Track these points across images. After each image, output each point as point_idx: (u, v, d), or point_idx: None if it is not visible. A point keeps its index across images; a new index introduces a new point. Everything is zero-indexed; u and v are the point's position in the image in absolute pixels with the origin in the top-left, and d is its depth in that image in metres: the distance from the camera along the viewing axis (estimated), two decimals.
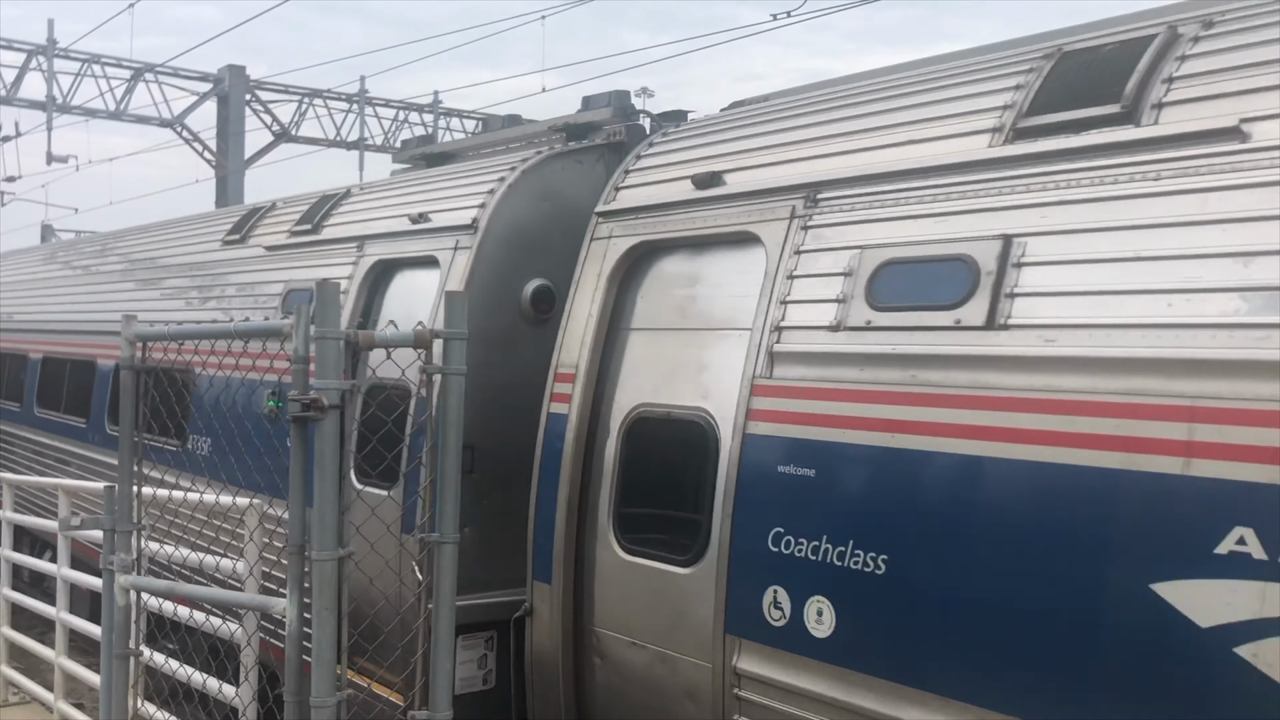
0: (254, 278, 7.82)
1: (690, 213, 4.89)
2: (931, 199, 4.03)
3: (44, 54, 27.67)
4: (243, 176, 30.30)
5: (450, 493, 3.78)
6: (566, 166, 5.97)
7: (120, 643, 4.45)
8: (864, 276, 4.06)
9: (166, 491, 4.93)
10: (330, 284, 3.68)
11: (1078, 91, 3.83)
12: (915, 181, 4.10)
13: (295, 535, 3.80)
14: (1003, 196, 3.83)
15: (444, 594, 3.78)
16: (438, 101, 34.87)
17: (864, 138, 4.43)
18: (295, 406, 3.64)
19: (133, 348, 4.46)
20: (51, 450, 10.78)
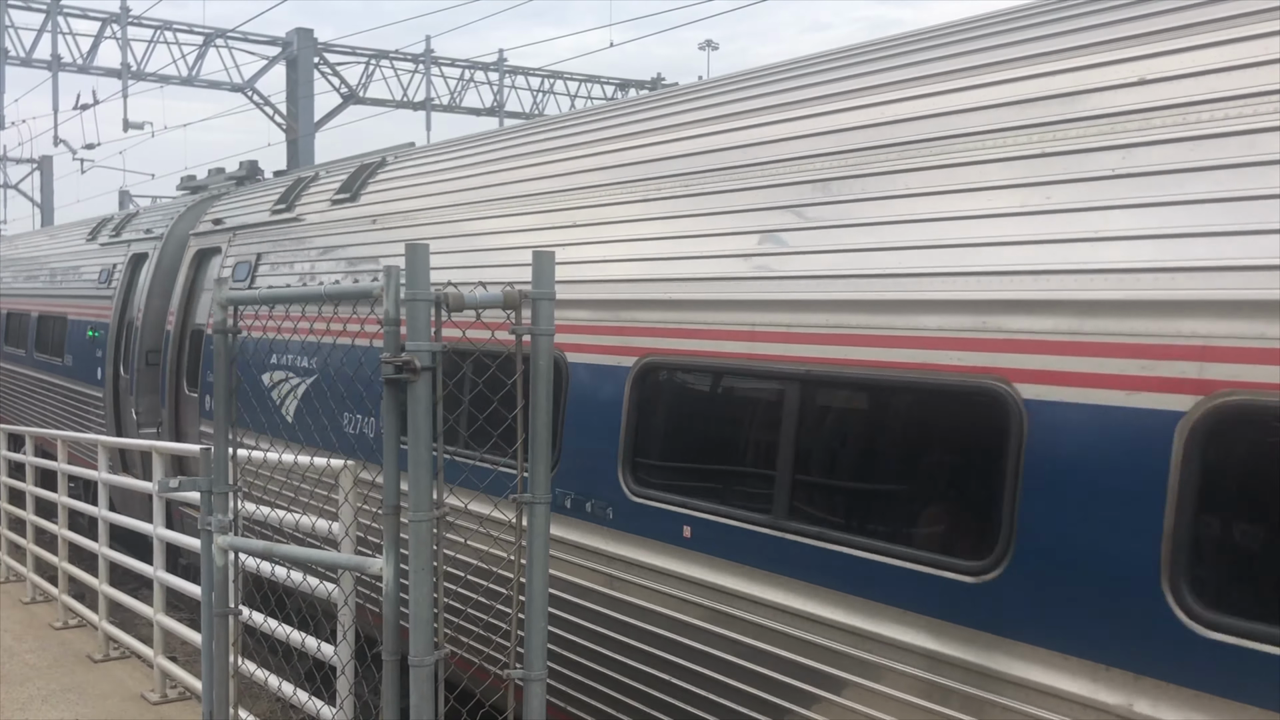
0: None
1: (210, 236, 10.33)
2: None
3: (118, 22, 28.11)
4: (313, 139, 30.60)
5: (542, 453, 3.76)
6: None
7: (220, 602, 4.53)
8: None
9: (261, 453, 4.99)
10: (421, 246, 3.66)
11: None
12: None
13: (390, 496, 3.82)
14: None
15: (537, 554, 3.77)
16: (503, 60, 34.81)
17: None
18: (389, 369, 3.65)
19: (225, 312, 4.49)
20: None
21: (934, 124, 4.23)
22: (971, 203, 3.94)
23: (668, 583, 4.74)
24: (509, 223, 6.29)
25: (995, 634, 3.57)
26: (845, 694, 4.07)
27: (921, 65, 4.50)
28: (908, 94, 4.44)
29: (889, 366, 3.99)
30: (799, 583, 4.23)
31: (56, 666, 7.74)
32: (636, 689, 4.93)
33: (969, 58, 4.31)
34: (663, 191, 5.30)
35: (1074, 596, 3.35)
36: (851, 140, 4.50)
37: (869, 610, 3.99)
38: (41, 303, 14.90)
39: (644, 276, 5.12)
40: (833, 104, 4.75)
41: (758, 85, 5.29)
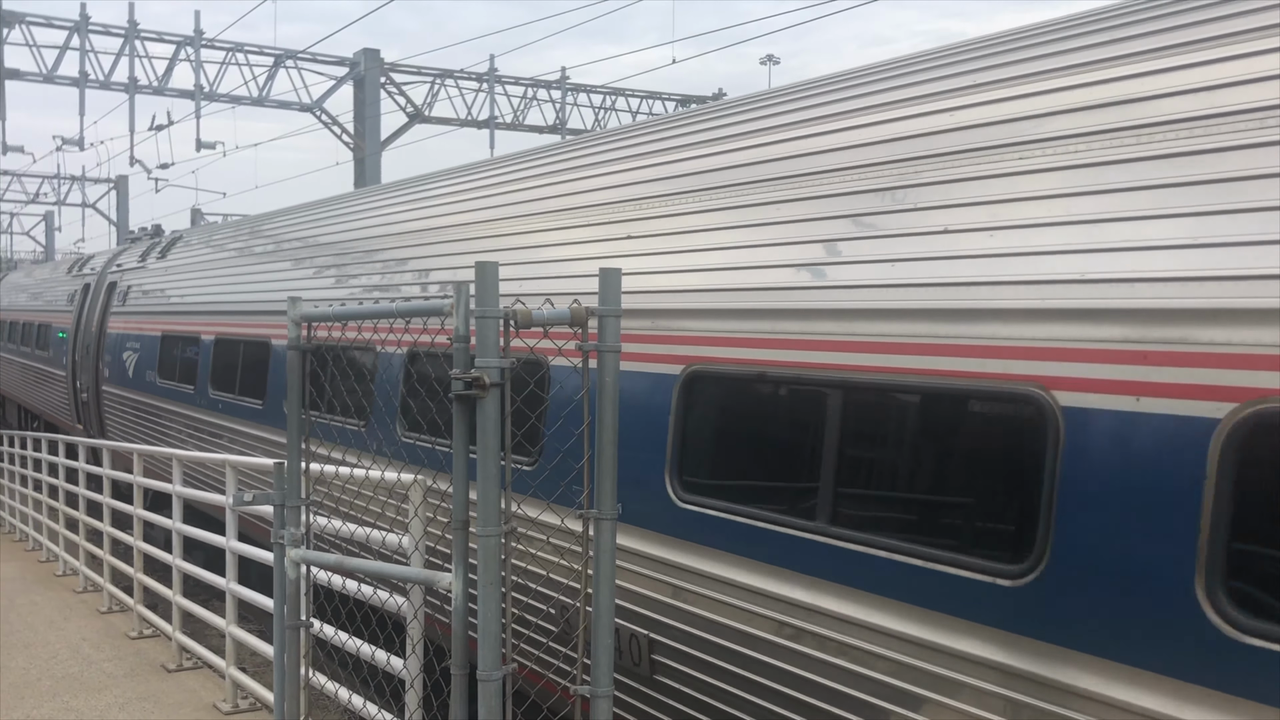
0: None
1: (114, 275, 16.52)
2: None
3: (192, 45, 28.85)
4: (379, 157, 31.10)
5: (608, 468, 3.77)
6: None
7: (291, 614, 4.61)
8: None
9: (333, 468, 5.07)
10: (490, 264, 3.69)
11: None
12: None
13: (459, 511, 3.86)
14: None
15: (604, 569, 3.78)
16: (565, 78, 35.10)
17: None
18: (458, 385, 3.69)
19: (299, 328, 4.58)
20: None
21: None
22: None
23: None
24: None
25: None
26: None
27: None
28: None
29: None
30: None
31: (132, 675, 7.91)
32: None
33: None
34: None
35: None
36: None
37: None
38: (38, 315, 21.93)
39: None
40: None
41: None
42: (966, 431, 4.01)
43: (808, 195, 4.79)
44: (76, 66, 27.83)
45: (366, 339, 7.65)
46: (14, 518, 14.98)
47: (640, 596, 5.04)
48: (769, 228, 4.89)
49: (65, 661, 8.29)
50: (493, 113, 33.72)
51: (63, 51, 27.76)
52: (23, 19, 27.15)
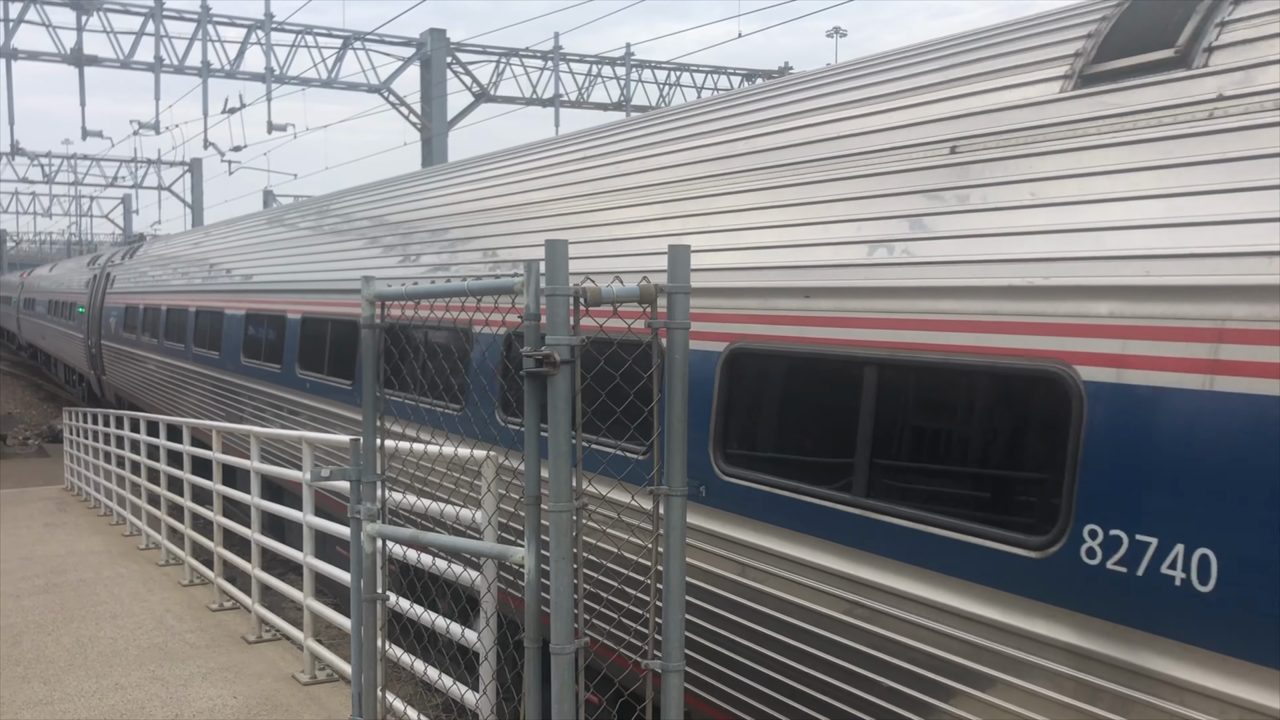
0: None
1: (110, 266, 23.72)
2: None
3: (262, 28, 29.31)
4: (446, 137, 31.33)
5: (678, 445, 3.78)
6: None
7: (368, 587, 4.70)
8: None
9: (407, 444, 5.15)
10: (561, 242, 3.71)
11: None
12: None
13: (531, 487, 3.90)
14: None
15: (674, 546, 3.80)
16: (630, 54, 35.01)
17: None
18: (530, 362, 3.72)
19: (373, 307, 4.65)
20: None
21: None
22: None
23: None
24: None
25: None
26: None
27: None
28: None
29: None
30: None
31: (214, 646, 8.14)
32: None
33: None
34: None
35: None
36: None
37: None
38: (65, 296, 28.36)
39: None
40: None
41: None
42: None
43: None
44: (152, 52, 28.44)
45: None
46: (98, 493, 15.46)
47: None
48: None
49: (150, 632, 8.55)
50: (557, 91, 33.79)
51: (138, 37, 28.37)
52: (100, 6, 27.80)
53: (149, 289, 19.82)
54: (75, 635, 8.48)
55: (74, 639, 8.37)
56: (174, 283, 18.16)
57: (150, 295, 19.51)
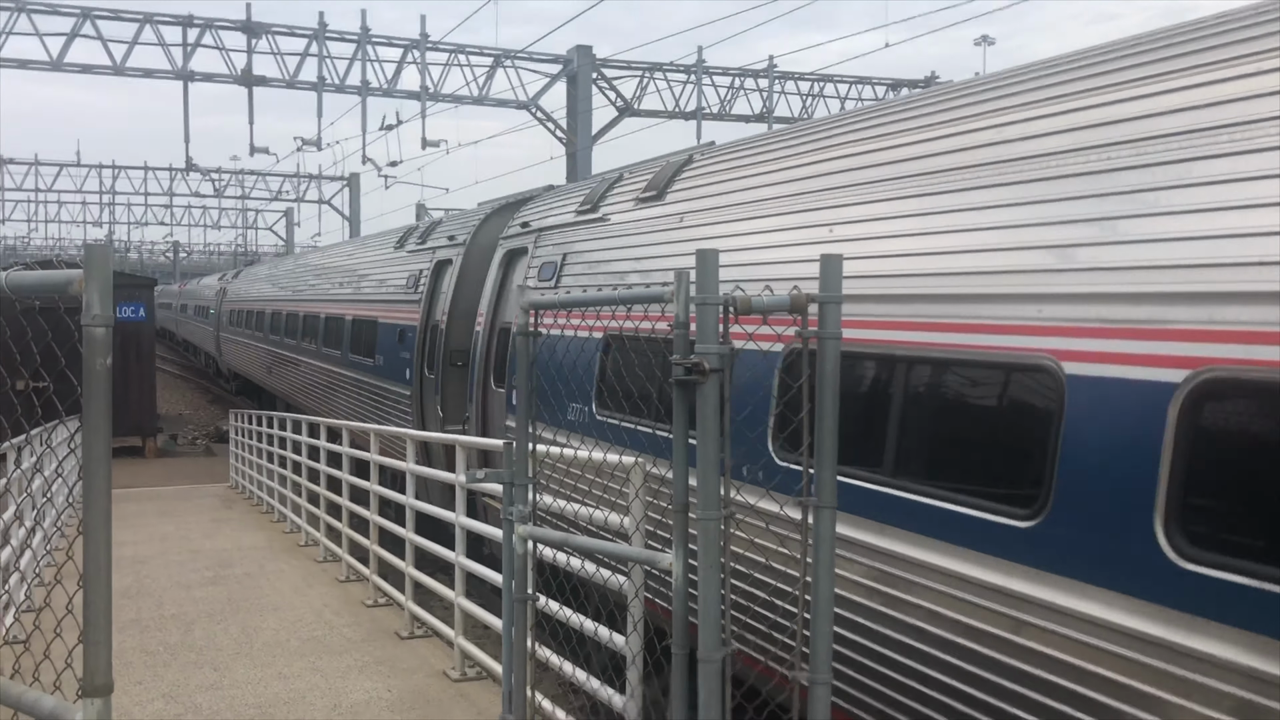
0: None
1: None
2: None
3: (418, 48, 30.37)
4: (590, 151, 31.82)
5: (828, 457, 3.76)
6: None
7: (519, 588, 4.83)
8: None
9: (559, 449, 5.28)
10: (711, 251, 3.75)
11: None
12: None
13: (680, 494, 3.94)
14: None
15: (823, 558, 3.78)
16: (772, 66, 34.91)
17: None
18: (679, 370, 3.76)
19: (527, 315, 4.78)
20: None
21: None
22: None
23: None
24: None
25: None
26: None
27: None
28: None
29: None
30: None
31: (369, 641, 8.47)
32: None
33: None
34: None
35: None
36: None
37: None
38: (199, 302, 32.01)
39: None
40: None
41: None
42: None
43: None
44: (315, 72, 29.79)
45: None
46: (260, 491, 16.24)
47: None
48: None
49: (310, 625, 8.95)
50: (700, 104, 33.92)
51: (303, 58, 29.77)
52: (269, 29, 29.28)
53: (244, 298, 30.53)
54: (241, 625, 8.94)
55: (240, 629, 8.83)
56: (258, 293, 28.60)
57: (245, 302, 29.92)
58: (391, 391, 14.24)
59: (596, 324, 7.58)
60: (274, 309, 24.66)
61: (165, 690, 7.29)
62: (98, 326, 2.57)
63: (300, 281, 23.28)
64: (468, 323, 11.88)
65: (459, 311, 12.25)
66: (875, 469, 5.02)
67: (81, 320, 2.58)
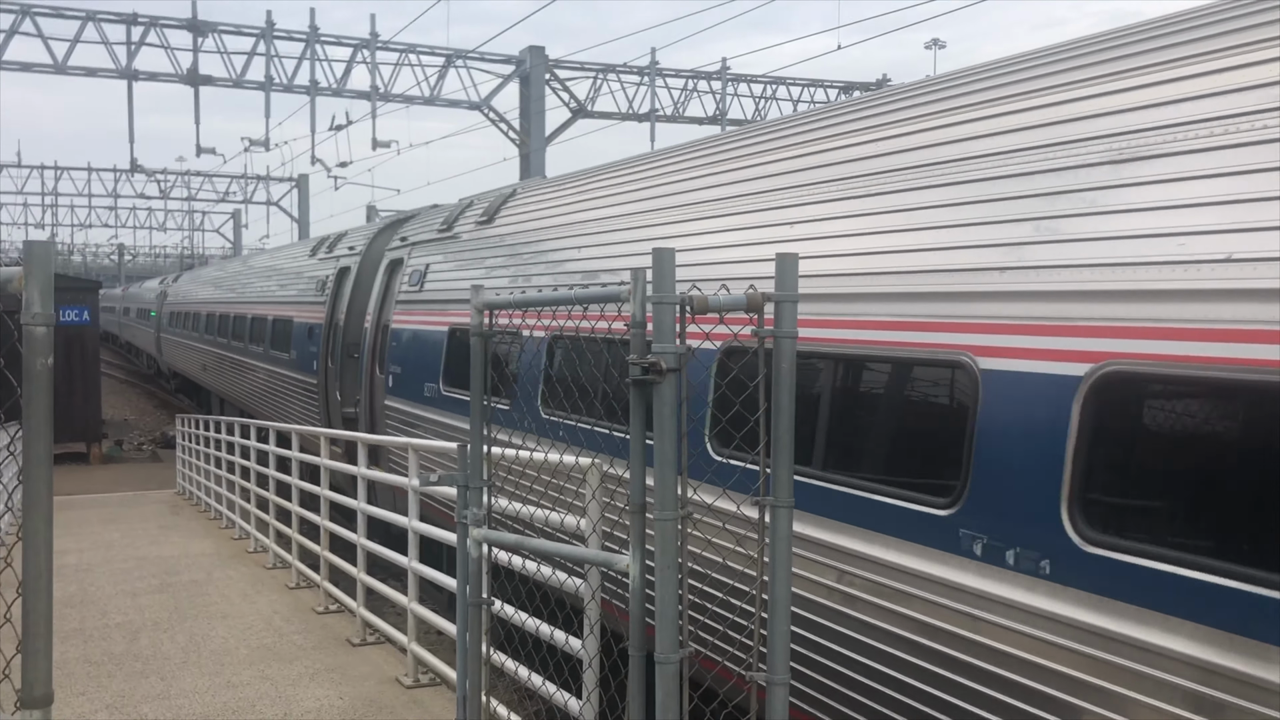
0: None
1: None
2: None
3: (368, 47, 30.08)
4: (544, 153, 31.72)
5: (785, 456, 3.75)
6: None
7: (474, 592, 4.76)
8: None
9: (513, 451, 5.22)
10: (668, 250, 3.73)
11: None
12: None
13: (637, 495, 3.91)
14: None
15: (780, 557, 3.77)
16: (725, 69, 35.01)
17: None
18: (635, 370, 3.73)
19: (481, 315, 4.72)
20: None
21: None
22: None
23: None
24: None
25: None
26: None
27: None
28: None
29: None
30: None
31: (320, 648, 8.34)
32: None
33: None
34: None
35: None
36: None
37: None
38: (141, 305, 31.84)
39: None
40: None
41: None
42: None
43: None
44: (263, 71, 29.39)
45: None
46: (208, 497, 15.98)
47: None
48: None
49: (259, 632, 8.80)
50: (654, 106, 33.94)
51: (250, 57, 29.34)
52: (215, 28, 28.85)
53: (183, 301, 32.72)
54: (189, 634, 8.77)
55: (188, 637, 8.66)
56: (195, 296, 30.60)
57: (183, 305, 32.11)
58: (303, 381, 16.37)
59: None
60: (209, 311, 26.99)
61: (109, 701, 7.13)
62: (38, 325, 2.49)
63: (232, 286, 25.68)
64: (361, 321, 13.78)
65: (354, 311, 14.21)
66: (808, 464, 5.13)
67: (21, 319, 2.50)
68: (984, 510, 4.18)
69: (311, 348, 15.76)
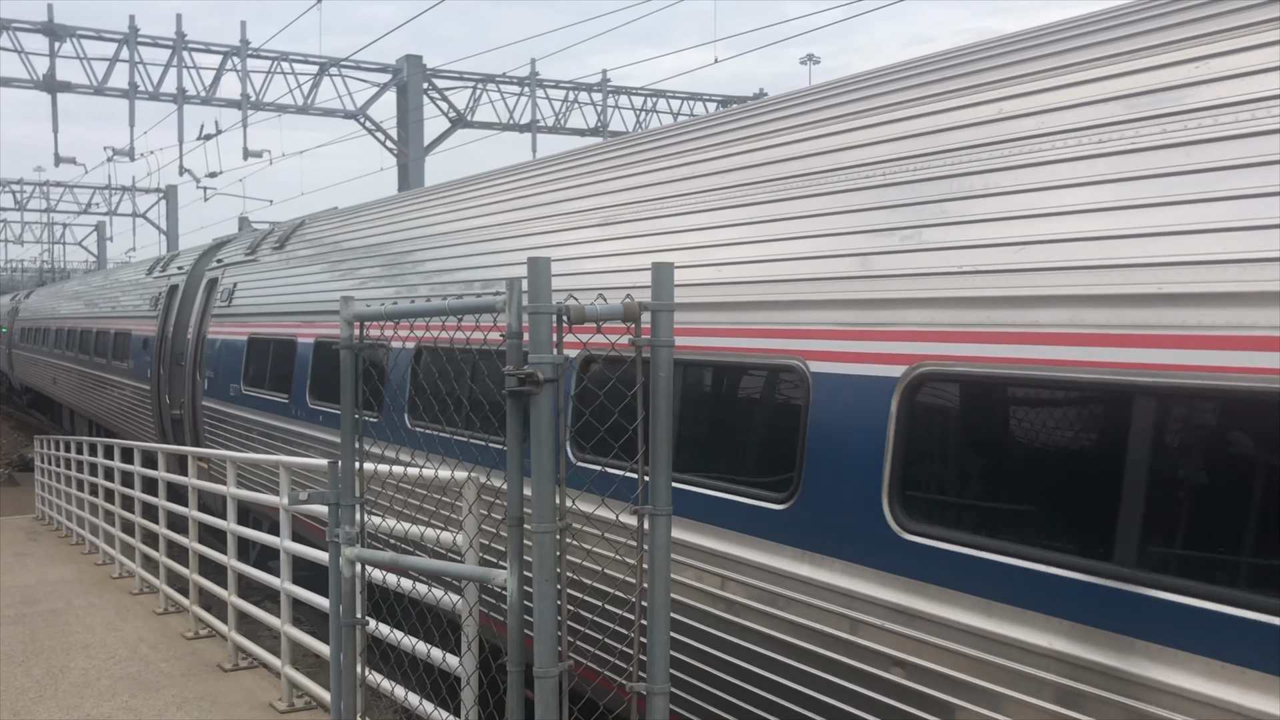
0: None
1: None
2: None
3: (238, 55, 29.24)
4: (423, 162, 31.31)
5: (663, 464, 3.74)
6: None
7: (347, 613, 4.62)
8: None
9: (387, 466, 5.09)
10: (543, 260, 3.68)
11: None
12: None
13: (514, 508, 3.85)
14: None
15: (659, 565, 3.76)
16: (606, 80, 35.14)
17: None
18: (512, 381, 3.68)
19: (351, 328, 4.60)
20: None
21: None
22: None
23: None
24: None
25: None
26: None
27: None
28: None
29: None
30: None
31: (189, 675, 8.01)
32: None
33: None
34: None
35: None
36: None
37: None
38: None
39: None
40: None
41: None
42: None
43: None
44: (126, 78, 28.30)
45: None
46: (70, 521, 15.24)
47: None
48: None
49: (124, 662, 8.40)
50: (534, 116, 33.85)
51: (113, 64, 28.24)
52: (74, 33, 27.66)
53: (34, 316, 33.30)
54: (45, 666, 8.32)
55: (44, 670, 8.21)
56: (46, 311, 31.09)
57: (34, 320, 32.70)
58: (139, 388, 18.04)
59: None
60: (59, 326, 28.23)
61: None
62: None
63: (80, 302, 27.13)
64: (186, 332, 15.51)
65: (181, 324, 16.00)
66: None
67: None
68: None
69: (146, 357, 17.66)
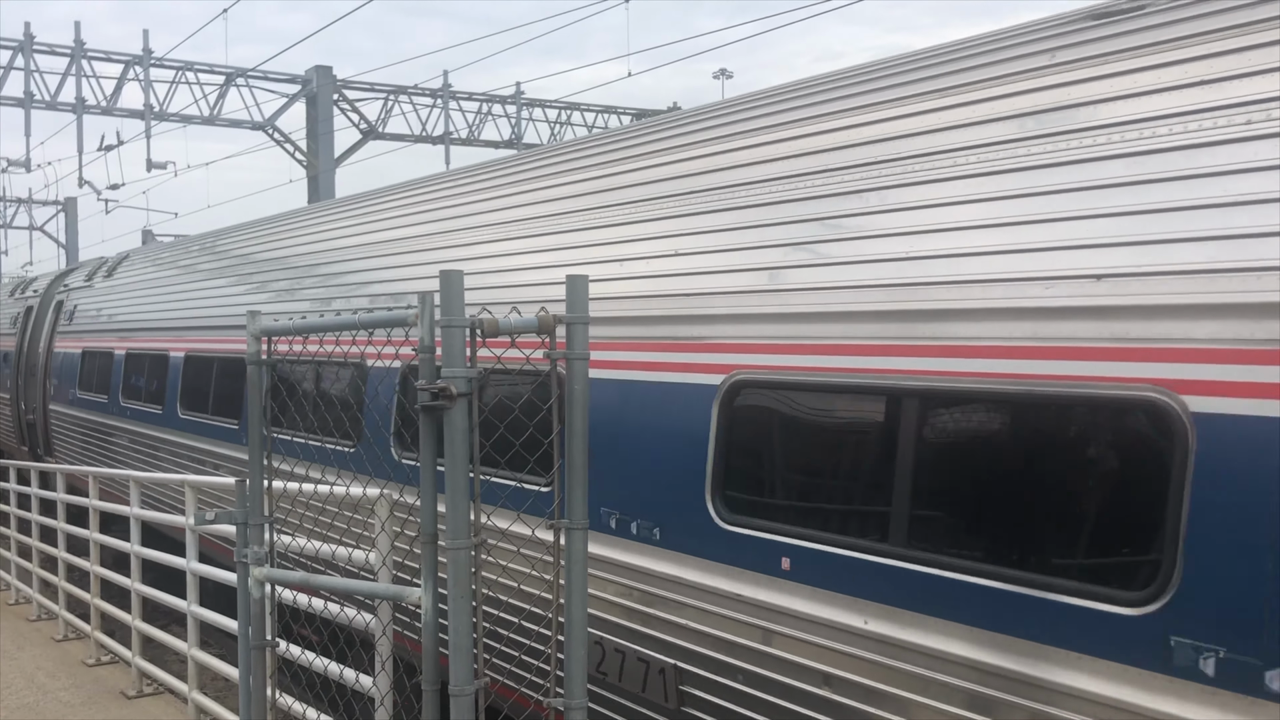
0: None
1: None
2: None
3: (140, 64, 28.48)
4: (333, 175, 30.84)
5: (579, 477, 3.73)
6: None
7: (256, 634, 4.51)
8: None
9: (296, 485, 4.99)
10: (456, 273, 3.65)
11: None
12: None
13: (428, 524, 3.80)
14: None
15: (575, 579, 3.74)
16: (520, 93, 35.05)
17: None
18: (425, 396, 3.63)
19: (258, 342, 4.50)
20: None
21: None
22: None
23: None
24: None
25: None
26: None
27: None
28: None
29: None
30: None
31: (90, 704, 7.73)
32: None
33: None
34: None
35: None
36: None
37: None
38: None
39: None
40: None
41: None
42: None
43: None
44: (21, 86, 27.36)
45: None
46: None
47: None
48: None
49: (20, 692, 8.08)
50: (448, 128, 33.59)
51: (7, 71, 27.28)
52: None
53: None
54: None
55: None
56: None
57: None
58: (1, 396, 20.12)
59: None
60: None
61: None
62: None
63: None
64: (38, 347, 17.88)
65: (34, 340, 18.40)
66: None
67: None
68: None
69: (7, 369, 19.98)
